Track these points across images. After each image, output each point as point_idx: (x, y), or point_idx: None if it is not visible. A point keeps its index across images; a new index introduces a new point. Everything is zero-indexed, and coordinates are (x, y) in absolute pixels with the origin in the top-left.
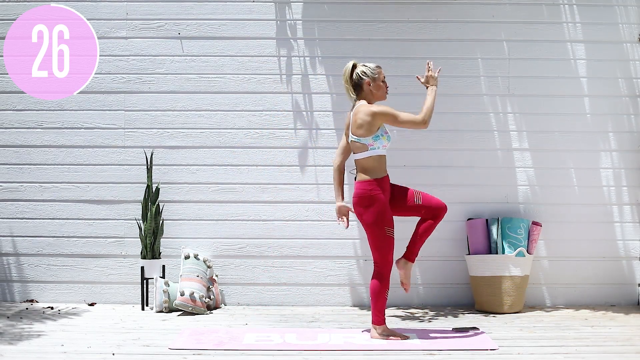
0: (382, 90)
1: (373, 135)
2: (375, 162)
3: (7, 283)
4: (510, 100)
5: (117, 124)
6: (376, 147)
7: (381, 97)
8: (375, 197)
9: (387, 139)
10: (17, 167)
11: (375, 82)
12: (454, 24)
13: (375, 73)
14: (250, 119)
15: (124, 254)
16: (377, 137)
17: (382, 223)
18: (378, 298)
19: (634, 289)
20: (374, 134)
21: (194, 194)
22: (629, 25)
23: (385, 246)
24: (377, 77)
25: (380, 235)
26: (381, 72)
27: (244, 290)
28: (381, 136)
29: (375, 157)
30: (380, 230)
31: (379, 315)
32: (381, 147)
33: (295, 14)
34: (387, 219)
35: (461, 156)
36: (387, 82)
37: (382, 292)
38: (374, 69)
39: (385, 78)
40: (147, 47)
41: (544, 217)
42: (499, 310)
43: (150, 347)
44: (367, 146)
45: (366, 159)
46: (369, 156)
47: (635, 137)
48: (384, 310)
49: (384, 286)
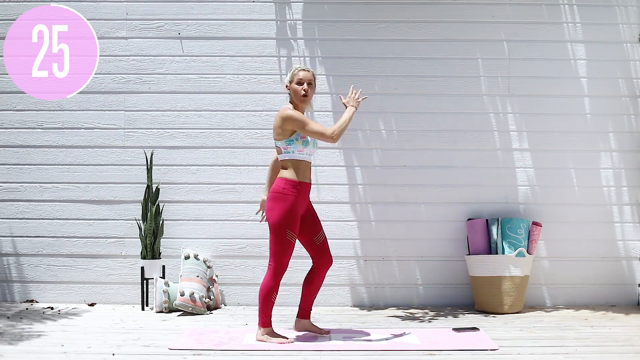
0: (296, 93)
1: (286, 139)
2: (292, 166)
3: (7, 283)
4: (510, 100)
5: (117, 124)
6: (290, 151)
7: (299, 103)
8: (287, 197)
9: (302, 144)
10: (17, 167)
11: (290, 85)
12: (454, 24)
13: (290, 76)
14: (251, 119)
15: (124, 254)
16: (291, 141)
17: (286, 225)
18: (265, 300)
19: (634, 289)
20: (286, 138)
21: (194, 194)
22: (629, 25)
23: (283, 250)
24: (291, 79)
25: (281, 237)
26: (298, 74)
27: (244, 291)
28: (295, 141)
29: (293, 160)
30: (281, 232)
31: (264, 318)
32: (296, 152)
33: (295, 14)
34: (292, 223)
35: (461, 156)
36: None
37: (271, 294)
38: (292, 71)
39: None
40: (147, 47)
41: (544, 217)
42: (499, 311)
43: (150, 347)
44: (281, 149)
45: (283, 161)
46: (284, 159)
47: (635, 137)
48: (270, 313)
49: (274, 289)
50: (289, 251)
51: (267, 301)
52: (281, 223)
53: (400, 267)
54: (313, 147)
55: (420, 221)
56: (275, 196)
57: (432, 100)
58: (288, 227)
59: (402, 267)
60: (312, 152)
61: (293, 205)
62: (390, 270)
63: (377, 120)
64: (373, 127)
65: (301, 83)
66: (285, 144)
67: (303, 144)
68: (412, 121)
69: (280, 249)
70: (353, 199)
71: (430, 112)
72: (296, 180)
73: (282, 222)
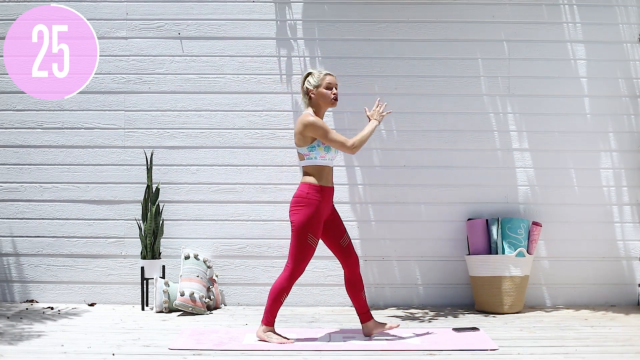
0: (327, 98)
1: (308, 145)
2: (315, 171)
3: (7, 283)
4: (510, 100)
5: (117, 124)
6: (312, 157)
7: (326, 105)
8: (312, 202)
9: (324, 150)
10: (17, 167)
11: (317, 90)
12: (454, 24)
13: (317, 80)
14: (251, 119)
15: (124, 254)
16: (313, 148)
17: (309, 229)
18: (276, 299)
19: (634, 289)
20: (308, 145)
21: (194, 194)
22: (629, 25)
23: (302, 253)
24: (320, 84)
25: (302, 240)
26: (326, 78)
27: (244, 291)
28: (317, 147)
29: (315, 166)
30: (303, 236)
31: (270, 317)
32: (319, 158)
33: (295, 14)
34: (315, 227)
35: (461, 156)
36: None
37: (282, 295)
38: (318, 75)
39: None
40: (147, 47)
41: (544, 217)
42: (499, 311)
43: (150, 347)
44: (304, 155)
45: (306, 167)
46: (307, 165)
47: (635, 137)
48: (276, 313)
49: (286, 290)
50: (308, 255)
51: (276, 301)
52: (304, 227)
53: (400, 267)
54: (335, 152)
55: (420, 221)
56: (300, 201)
57: (432, 100)
58: (310, 231)
59: (402, 267)
60: (334, 157)
61: (317, 210)
62: (390, 270)
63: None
64: None
65: (330, 87)
66: (307, 150)
67: (325, 150)
68: (412, 121)
69: (300, 252)
70: (353, 199)
71: (430, 112)
72: (319, 185)
73: (305, 225)
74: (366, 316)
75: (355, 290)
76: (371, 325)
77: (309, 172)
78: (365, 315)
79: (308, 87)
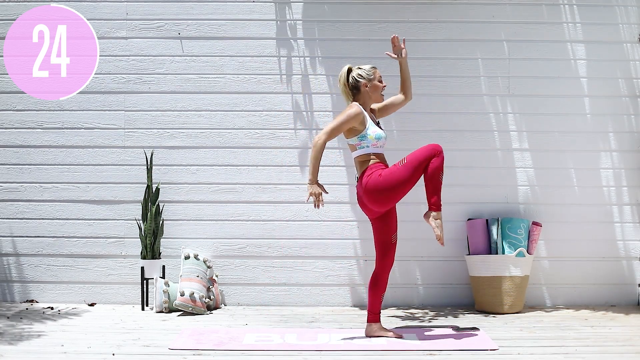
0: (378, 90)
1: (357, 135)
2: (370, 158)
3: (7, 283)
4: (510, 100)
5: (117, 124)
6: (364, 145)
7: (378, 98)
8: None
9: (375, 137)
10: (17, 167)
11: (371, 83)
12: (454, 24)
13: (371, 74)
14: (251, 119)
15: (124, 254)
16: (363, 137)
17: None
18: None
19: (634, 289)
20: (357, 134)
21: (194, 194)
22: (629, 25)
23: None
24: (373, 77)
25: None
26: (376, 72)
27: (244, 291)
28: (367, 136)
29: (369, 154)
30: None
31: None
32: (371, 146)
33: (295, 14)
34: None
35: (461, 156)
36: (383, 81)
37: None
38: (369, 70)
39: (382, 78)
40: (147, 47)
41: (544, 217)
42: (499, 311)
43: (150, 347)
44: (355, 146)
45: (360, 156)
46: (362, 154)
47: (635, 137)
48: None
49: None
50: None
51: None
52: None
53: (400, 267)
54: (385, 139)
55: (420, 221)
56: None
57: (432, 100)
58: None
59: (402, 267)
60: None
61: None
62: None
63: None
64: None
65: (381, 81)
66: (358, 140)
67: (376, 137)
68: (412, 121)
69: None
70: (353, 199)
71: (430, 112)
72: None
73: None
74: (375, 317)
75: (377, 289)
76: (375, 327)
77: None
78: (375, 316)
79: (361, 80)
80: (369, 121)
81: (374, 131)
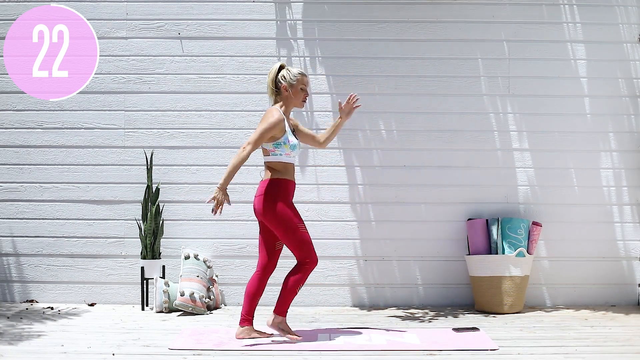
0: (298, 97)
1: (274, 142)
2: (280, 167)
3: (7, 283)
4: (510, 100)
5: (117, 124)
6: (277, 153)
7: (298, 104)
8: (276, 195)
9: (290, 148)
10: (17, 167)
11: (293, 88)
12: (454, 24)
13: (294, 80)
14: (251, 119)
15: (124, 254)
16: (279, 145)
17: (292, 220)
18: (291, 291)
19: (634, 289)
20: (274, 141)
21: (194, 194)
22: (629, 25)
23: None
24: (296, 83)
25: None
26: (304, 79)
27: (243, 291)
28: (283, 144)
29: (280, 163)
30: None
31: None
32: (284, 155)
33: (296, 14)
34: (295, 216)
35: (461, 156)
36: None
37: (297, 286)
38: (296, 74)
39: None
40: (147, 47)
41: (544, 217)
42: (499, 311)
43: (150, 347)
44: (269, 151)
45: (271, 162)
46: (273, 161)
47: (635, 137)
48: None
49: (301, 280)
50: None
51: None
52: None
53: (400, 267)
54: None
55: (420, 221)
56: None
57: (432, 100)
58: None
59: (402, 267)
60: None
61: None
62: (390, 270)
63: (377, 120)
64: (373, 127)
65: (305, 89)
66: (273, 147)
67: (291, 148)
68: (412, 121)
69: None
70: (353, 199)
71: (430, 112)
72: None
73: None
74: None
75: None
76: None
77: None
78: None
79: (282, 82)
80: (287, 129)
81: (291, 140)
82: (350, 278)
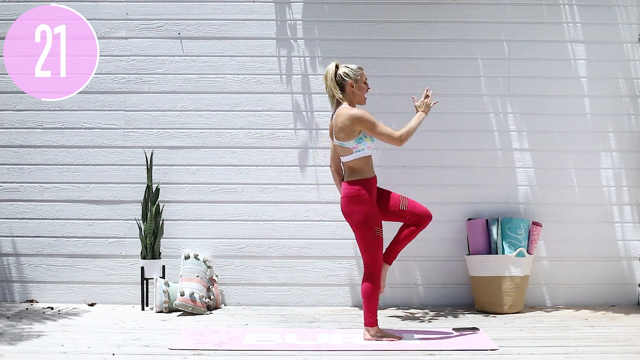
0: (363, 91)
1: (355, 138)
2: (361, 163)
3: (7, 283)
4: (510, 100)
5: (117, 124)
6: (360, 149)
7: (361, 100)
8: (362, 197)
9: (370, 140)
10: (17, 167)
11: (357, 84)
12: (454, 24)
13: (357, 74)
14: (251, 119)
15: (124, 254)
16: (360, 140)
17: (371, 223)
18: (370, 299)
19: (634, 289)
20: (355, 137)
21: (194, 194)
22: (629, 25)
23: (375, 246)
24: (359, 78)
25: (369, 236)
26: (363, 74)
27: (244, 291)
28: (364, 138)
29: (362, 158)
30: (369, 231)
31: (371, 317)
32: (366, 149)
33: (296, 14)
34: (375, 219)
35: (461, 156)
36: (368, 84)
37: (374, 293)
38: (356, 70)
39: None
40: (147, 47)
41: (544, 217)
42: (499, 311)
43: (150, 347)
44: (352, 149)
45: (352, 161)
46: (355, 158)
47: (635, 137)
48: (376, 312)
49: (376, 287)
50: (380, 246)
51: (371, 301)
52: (366, 224)
53: (400, 267)
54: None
55: None
56: (351, 201)
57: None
58: (374, 224)
59: (402, 267)
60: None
61: (370, 203)
62: (390, 270)
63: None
64: None
65: (366, 83)
66: (355, 143)
67: (371, 140)
68: None
69: (371, 247)
70: None
71: (431, 112)
72: (365, 179)
73: (367, 222)
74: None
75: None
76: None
77: (355, 166)
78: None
79: (347, 79)
80: None
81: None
82: (350, 278)
